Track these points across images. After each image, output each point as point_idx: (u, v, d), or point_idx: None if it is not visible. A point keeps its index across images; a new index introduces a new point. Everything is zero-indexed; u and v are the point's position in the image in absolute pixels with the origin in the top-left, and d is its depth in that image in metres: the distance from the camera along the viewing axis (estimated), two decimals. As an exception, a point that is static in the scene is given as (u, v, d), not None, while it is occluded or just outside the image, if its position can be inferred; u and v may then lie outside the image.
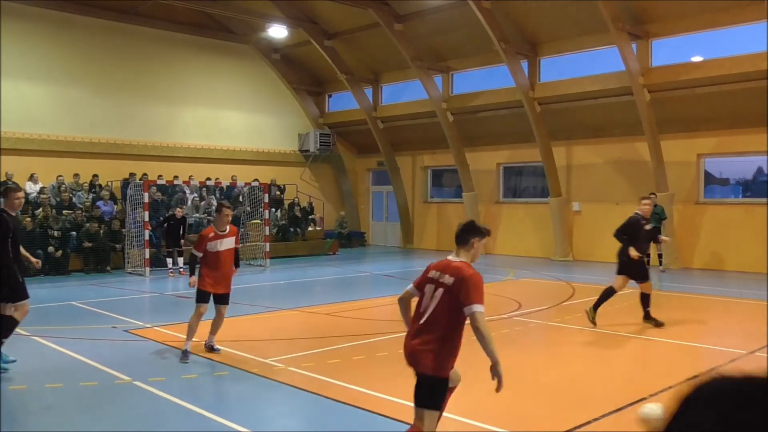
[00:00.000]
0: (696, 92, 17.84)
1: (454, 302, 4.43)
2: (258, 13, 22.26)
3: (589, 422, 5.78)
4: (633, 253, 9.55)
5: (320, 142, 25.59)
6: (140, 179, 18.87)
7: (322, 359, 8.13)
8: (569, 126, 20.56)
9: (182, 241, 17.32)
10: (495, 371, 4.39)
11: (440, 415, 4.67)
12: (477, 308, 4.35)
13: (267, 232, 19.66)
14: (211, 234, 8.24)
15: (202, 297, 8.23)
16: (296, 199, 24.27)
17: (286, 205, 23.88)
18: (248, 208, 21.04)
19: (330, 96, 27.53)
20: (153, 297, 14.04)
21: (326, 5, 21.67)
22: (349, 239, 25.71)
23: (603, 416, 5.91)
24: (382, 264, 20.51)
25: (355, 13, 21.67)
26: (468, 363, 5.06)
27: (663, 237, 10.40)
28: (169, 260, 17.30)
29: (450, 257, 4.72)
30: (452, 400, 4.87)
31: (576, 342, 9.17)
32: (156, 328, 10.07)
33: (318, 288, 15.83)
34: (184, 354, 8.09)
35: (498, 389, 4.40)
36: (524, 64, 20.67)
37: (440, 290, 4.50)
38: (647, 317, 10.02)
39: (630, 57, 17.98)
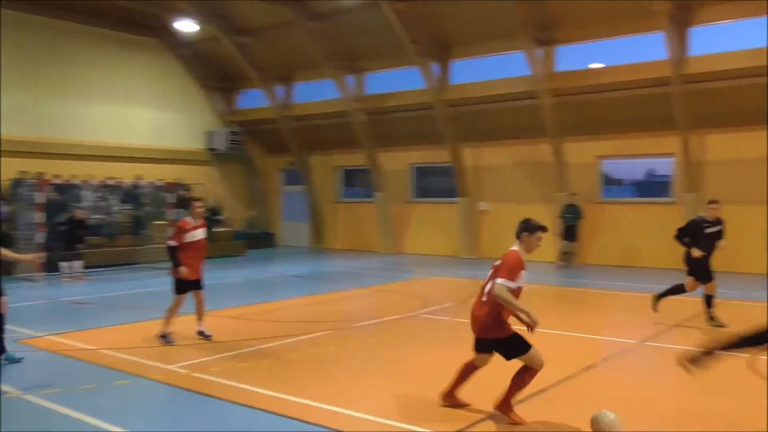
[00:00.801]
0: (596, 97, 18.66)
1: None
2: (167, 6, 21.49)
3: (490, 416, 5.91)
4: (696, 253, 9.74)
5: (229, 140, 25.06)
6: (34, 178, 17.85)
7: (229, 363, 7.96)
8: (478, 128, 21.02)
9: (81, 245, 16.57)
10: (521, 320, 5.68)
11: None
12: (499, 281, 5.66)
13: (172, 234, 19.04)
14: (189, 225, 9.17)
15: (182, 287, 9.10)
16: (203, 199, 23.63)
17: (193, 205, 23.20)
18: (153, 209, 20.37)
19: (240, 93, 26.99)
20: (47, 304, 13.30)
21: (239, 1, 21.28)
22: (258, 240, 25.31)
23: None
24: (291, 265, 20.31)
25: (269, 10, 21.33)
26: (376, 361, 5.07)
27: (722, 243, 10.18)
28: (65, 264, 16.45)
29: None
30: (358, 399, 4.86)
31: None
32: (50, 337, 9.55)
33: (226, 290, 15.50)
34: (165, 337, 8.97)
35: (530, 331, 5.70)
36: (436, 66, 20.98)
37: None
38: (710, 318, 9.97)
39: (536, 62, 18.61)
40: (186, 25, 21.71)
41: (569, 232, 18.73)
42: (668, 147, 18.07)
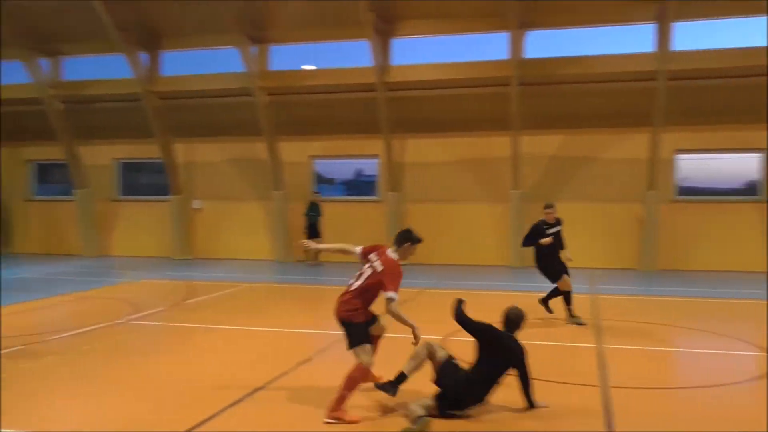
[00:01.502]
0: (308, 98, 19.24)
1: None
2: None
3: (209, 418, 5.67)
4: (545, 240, 9.99)
5: None
6: None
7: None
8: (191, 123, 20.31)
9: None
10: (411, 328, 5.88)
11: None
12: (390, 295, 5.71)
13: None
14: None
15: None
16: None
17: None
18: None
19: None
20: None
21: None
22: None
23: (221, 411, 5.86)
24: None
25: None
26: (78, 376, 4.51)
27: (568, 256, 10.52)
28: None
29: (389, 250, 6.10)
30: (62, 419, 4.26)
31: (195, 341, 9.02)
32: None
33: None
34: None
35: (415, 342, 5.95)
36: (145, 55, 19.79)
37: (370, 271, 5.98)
38: (571, 315, 10.06)
39: (250, 59, 18.55)
40: None
41: (312, 230, 18.94)
42: (374, 149, 19.35)
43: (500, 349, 5.91)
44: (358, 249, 6.34)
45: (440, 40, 19.60)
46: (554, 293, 10.22)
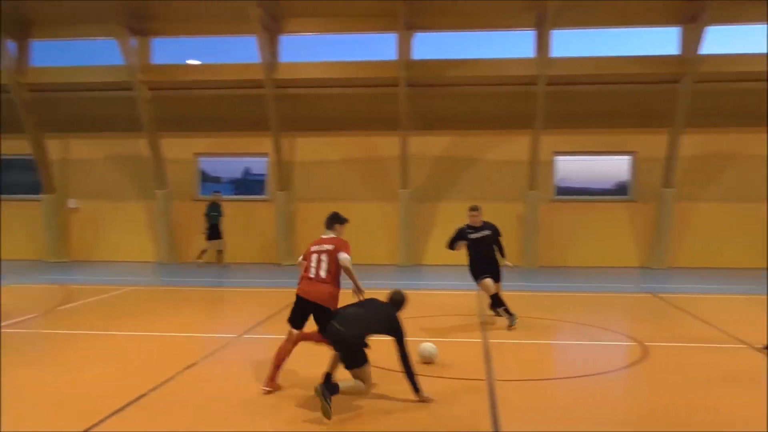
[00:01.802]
0: (193, 94, 18.64)
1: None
2: None
3: (88, 430, 5.36)
4: (458, 245, 9.95)
5: None
6: None
7: None
8: (66, 117, 19.15)
9: None
10: (357, 287, 6.86)
11: None
12: (345, 255, 6.86)
13: None
14: None
15: None
16: None
17: None
18: None
19: None
20: None
21: None
22: None
23: (101, 421, 5.55)
24: None
25: None
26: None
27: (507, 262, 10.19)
28: None
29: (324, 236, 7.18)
30: None
31: (72, 348, 8.49)
32: None
33: None
34: None
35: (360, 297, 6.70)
36: (12, 44, 18.45)
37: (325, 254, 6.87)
38: (496, 314, 10.03)
39: (130, 52, 17.73)
40: None
41: (214, 231, 18.37)
42: (262, 147, 19.02)
43: (377, 311, 6.38)
44: (300, 258, 7.22)
45: (331, 39, 19.57)
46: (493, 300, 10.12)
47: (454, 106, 18.34)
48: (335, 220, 7.46)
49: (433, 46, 19.12)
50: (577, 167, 19.56)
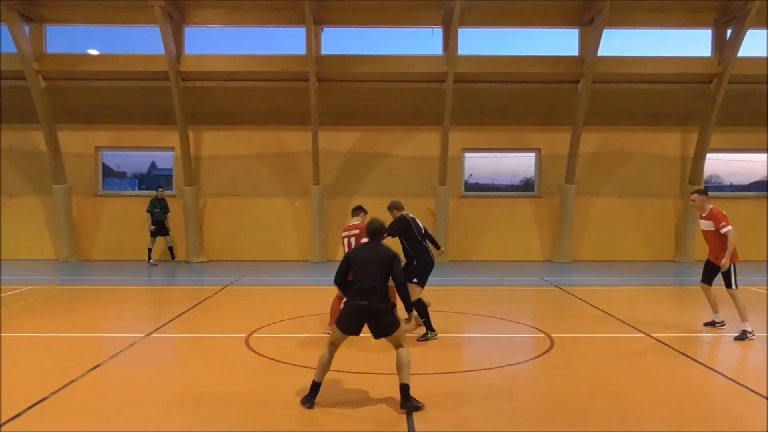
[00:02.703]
0: (93, 85, 17.84)
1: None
2: None
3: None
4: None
5: None
6: None
7: None
8: (-50, 108, 17.90)
9: None
10: None
11: None
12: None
13: None
14: None
15: None
16: None
17: None
18: None
19: None
20: None
21: None
22: None
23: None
24: None
25: None
26: None
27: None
28: None
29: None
30: None
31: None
32: None
33: None
34: None
35: None
36: None
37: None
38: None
39: (22, 39, 16.75)
40: None
41: (161, 227, 17.74)
42: (168, 141, 18.42)
43: (369, 255, 6.34)
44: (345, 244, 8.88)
45: (238, 32, 19.13)
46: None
47: (365, 102, 18.40)
48: (361, 209, 9.28)
49: (343, 41, 19.10)
50: (485, 163, 20.08)
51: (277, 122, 18.62)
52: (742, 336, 8.68)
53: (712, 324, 9.42)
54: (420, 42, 19.32)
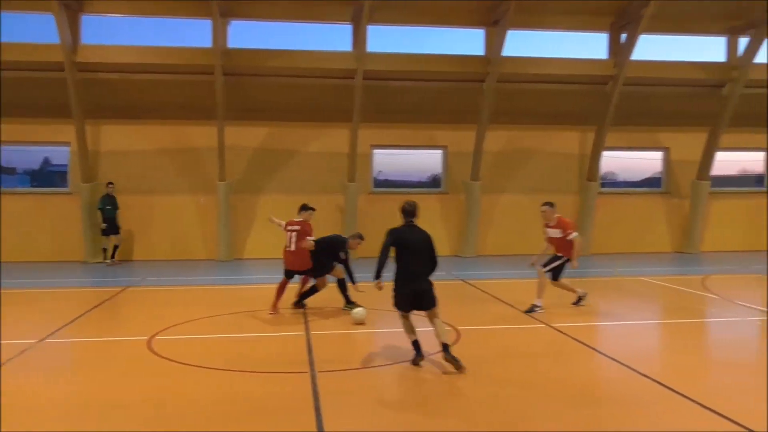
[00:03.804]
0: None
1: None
2: None
3: None
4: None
5: None
6: None
7: None
8: None
9: None
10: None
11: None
12: (310, 239, 9.90)
13: None
14: None
15: None
16: None
17: None
18: None
19: None
20: None
21: None
22: None
23: None
24: None
25: None
26: None
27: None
28: None
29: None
30: None
31: None
32: None
33: None
34: None
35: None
36: None
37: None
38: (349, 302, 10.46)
39: None
40: None
41: (112, 226, 16.93)
42: (64, 135, 17.50)
43: (417, 241, 7.35)
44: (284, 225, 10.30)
45: (141, 22, 18.41)
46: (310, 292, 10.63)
47: (273, 97, 18.13)
48: (306, 208, 10.31)
49: (252, 35, 18.75)
50: (394, 160, 20.25)
51: (183, 117, 18.08)
52: (532, 309, 10.12)
53: (578, 301, 10.57)
54: (331, 38, 19.22)
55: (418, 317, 7.52)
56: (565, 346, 8.18)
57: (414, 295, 7.20)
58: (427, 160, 20.24)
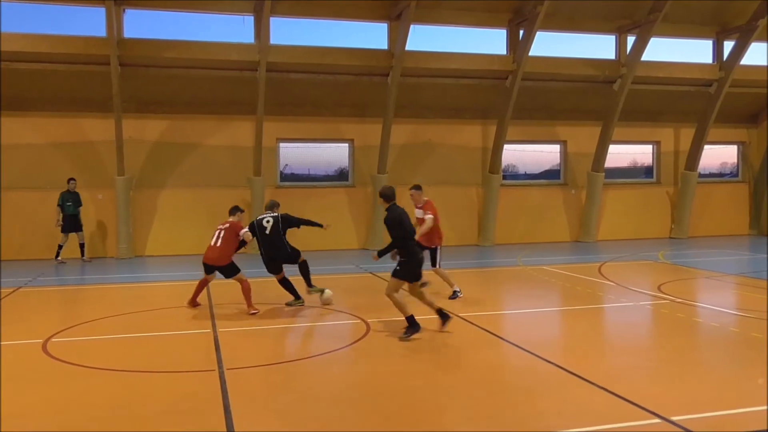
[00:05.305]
0: None
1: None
2: None
3: None
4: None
5: None
6: None
7: None
8: None
9: None
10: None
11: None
12: (242, 231, 10.06)
13: None
14: None
15: None
16: None
17: None
18: None
19: None
20: None
21: None
22: None
23: None
24: None
25: None
26: None
27: None
28: None
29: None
30: None
31: None
32: None
33: None
34: None
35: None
36: None
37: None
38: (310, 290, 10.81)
39: None
40: None
41: (74, 222, 16.03)
42: (-57, 128, 16.33)
43: (398, 221, 8.22)
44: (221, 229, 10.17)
45: (29, 8, 17.32)
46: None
47: (173, 89, 17.60)
48: (237, 210, 10.30)
49: (151, 25, 18.00)
50: (300, 154, 20.09)
51: (77, 109, 17.28)
52: (454, 296, 10.82)
53: (454, 295, 10.95)
54: (233, 30, 18.78)
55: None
56: (471, 335, 8.41)
57: (419, 265, 8.16)
58: (333, 154, 20.23)
